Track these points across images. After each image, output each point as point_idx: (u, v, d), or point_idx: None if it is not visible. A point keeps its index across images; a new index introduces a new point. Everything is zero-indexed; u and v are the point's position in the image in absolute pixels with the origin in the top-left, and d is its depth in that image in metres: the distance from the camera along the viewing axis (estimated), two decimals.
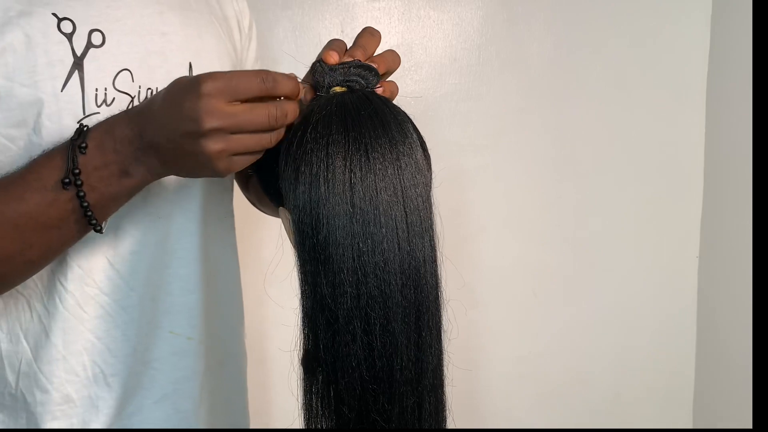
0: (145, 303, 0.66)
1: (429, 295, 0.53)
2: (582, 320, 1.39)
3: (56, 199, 0.53)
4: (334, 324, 0.51)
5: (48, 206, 0.53)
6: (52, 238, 0.55)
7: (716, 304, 1.34)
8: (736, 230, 1.25)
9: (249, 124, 0.51)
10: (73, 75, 0.58)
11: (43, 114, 0.57)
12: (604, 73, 1.33)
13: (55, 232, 0.55)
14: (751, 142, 1.18)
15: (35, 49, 0.57)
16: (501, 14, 1.30)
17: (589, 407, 1.41)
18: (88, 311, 0.64)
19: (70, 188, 0.53)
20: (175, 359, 0.68)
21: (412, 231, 0.52)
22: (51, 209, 0.53)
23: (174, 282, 0.67)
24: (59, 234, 0.55)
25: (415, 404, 0.52)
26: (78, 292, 0.63)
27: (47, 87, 0.57)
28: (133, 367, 0.66)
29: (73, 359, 0.63)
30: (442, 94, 1.31)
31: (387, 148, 0.51)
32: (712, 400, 1.36)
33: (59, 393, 0.63)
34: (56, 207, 0.53)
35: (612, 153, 1.35)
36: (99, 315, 0.64)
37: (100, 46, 0.60)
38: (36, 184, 0.54)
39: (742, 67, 1.22)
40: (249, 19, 0.77)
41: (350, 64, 0.55)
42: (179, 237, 0.67)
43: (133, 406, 0.67)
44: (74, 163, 0.53)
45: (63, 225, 0.54)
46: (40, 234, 0.54)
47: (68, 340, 0.63)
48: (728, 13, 1.28)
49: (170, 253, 0.67)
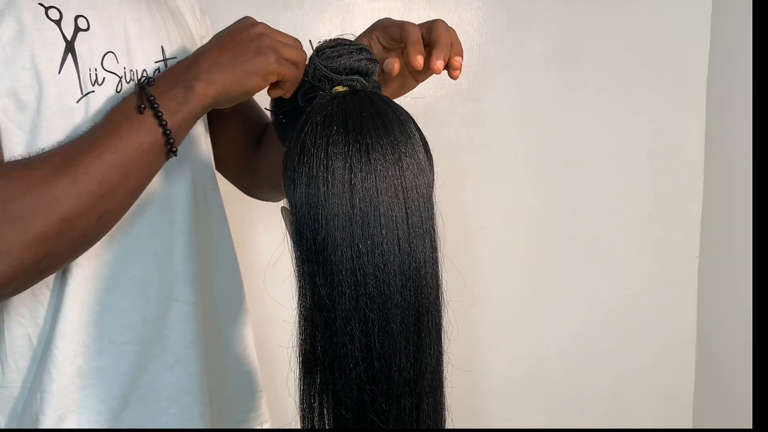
0: (151, 273, 0.69)
1: (429, 297, 0.53)
2: (582, 320, 1.39)
3: (142, 124, 0.58)
4: (332, 325, 0.50)
5: (136, 132, 0.58)
6: (144, 164, 0.59)
7: (716, 304, 1.34)
8: (736, 230, 1.25)
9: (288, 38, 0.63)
10: (67, 57, 0.62)
11: (44, 96, 0.61)
12: (604, 73, 1.33)
13: (146, 158, 0.59)
14: (751, 142, 1.18)
15: (30, 35, 0.60)
16: (501, 14, 1.30)
17: (589, 407, 1.41)
18: (95, 284, 0.67)
19: (147, 112, 0.58)
20: (182, 325, 0.72)
21: (413, 232, 0.52)
22: (140, 134, 0.58)
23: (175, 251, 0.71)
24: (149, 160, 0.59)
25: (413, 405, 0.52)
26: (87, 265, 0.66)
27: (45, 69, 0.61)
28: (143, 336, 0.69)
29: (83, 331, 0.66)
30: (442, 94, 1.31)
31: (389, 148, 0.51)
32: (712, 400, 1.36)
33: (74, 366, 0.66)
34: (143, 131, 0.58)
35: (612, 153, 1.35)
36: (104, 287, 0.67)
37: (87, 30, 0.64)
38: (121, 115, 0.59)
39: (742, 67, 1.22)
40: (200, 9, 0.85)
41: (342, 50, 0.56)
42: (175, 207, 0.71)
43: (149, 374, 0.70)
44: (147, 93, 0.59)
45: (151, 150, 0.59)
46: (135, 161, 0.58)
47: (79, 313, 0.66)
48: (728, 13, 1.28)
49: (170, 224, 0.71)
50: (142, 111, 0.58)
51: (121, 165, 0.58)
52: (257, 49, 0.61)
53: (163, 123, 0.58)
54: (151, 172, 0.61)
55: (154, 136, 0.58)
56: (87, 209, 0.56)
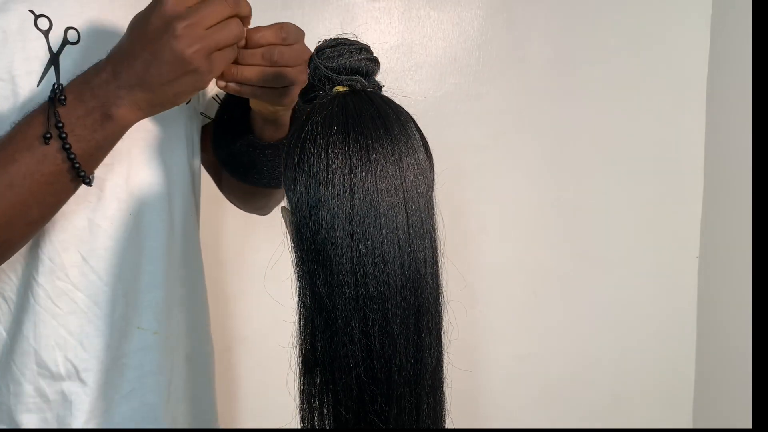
0: (117, 299, 0.67)
1: (429, 297, 0.53)
2: (582, 320, 1.39)
3: (45, 155, 0.53)
4: (332, 325, 0.50)
5: (39, 163, 0.53)
6: (47, 194, 0.55)
7: (716, 304, 1.34)
8: (736, 230, 1.25)
9: (211, 13, 0.53)
10: (49, 71, 0.60)
11: (21, 108, 0.58)
12: (604, 73, 1.33)
13: (50, 188, 0.55)
14: (751, 142, 1.18)
15: (13, 45, 0.58)
16: (501, 14, 1.30)
17: (589, 407, 1.41)
18: (62, 306, 0.64)
19: (53, 142, 0.53)
20: (142, 354, 0.69)
21: (413, 232, 0.52)
22: (42, 165, 0.53)
23: (142, 277, 0.69)
24: (54, 190, 0.55)
25: (414, 405, 0.52)
26: (49, 286, 0.63)
27: (24, 82, 0.59)
28: (104, 363, 0.67)
29: (44, 354, 0.64)
30: (442, 94, 1.31)
31: (389, 148, 0.51)
32: (712, 400, 1.36)
33: (32, 386, 0.64)
34: (47, 162, 0.53)
35: (612, 153, 1.35)
36: (72, 310, 0.65)
37: (76, 43, 0.61)
38: (23, 143, 0.54)
39: (742, 67, 1.22)
40: None
41: (342, 50, 0.56)
42: (148, 233, 0.69)
43: (104, 402, 0.68)
44: (56, 116, 0.53)
45: (55, 180, 0.54)
46: (36, 192, 0.54)
47: (39, 333, 0.64)
48: (728, 13, 1.28)
49: (140, 250, 0.68)
50: (47, 141, 0.53)
51: (20, 197, 0.54)
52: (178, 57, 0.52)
53: (71, 156, 0.53)
54: (60, 200, 0.57)
55: (60, 167, 0.54)
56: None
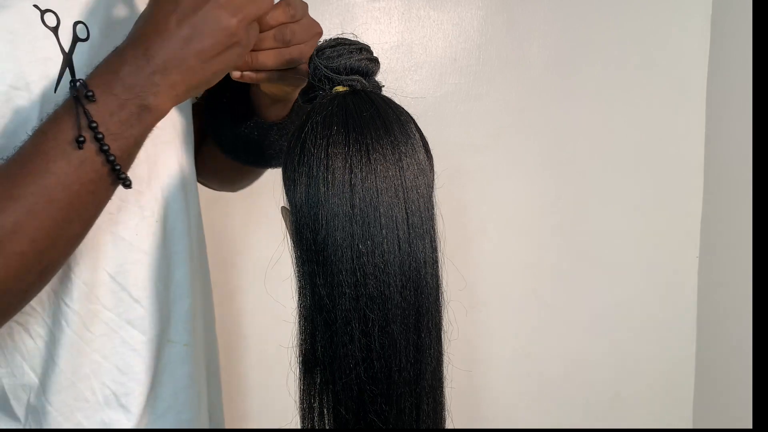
0: (151, 313, 0.62)
1: (429, 297, 0.53)
2: (582, 320, 1.39)
3: (83, 161, 0.46)
4: (332, 325, 0.50)
5: (76, 171, 0.46)
6: (88, 205, 0.48)
7: (716, 304, 1.34)
8: (736, 230, 1.25)
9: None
10: (64, 73, 0.53)
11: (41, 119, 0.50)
12: (604, 73, 1.33)
13: (90, 197, 0.48)
14: (751, 142, 1.18)
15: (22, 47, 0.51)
16: (501, 14, 1.30)
17: (589, 407, 1.41)
18: (93, 330, 0.58)
19: (88, 145, 0.46)
20: (174, 368, 0.65)
21: (413, 232, 0.52)
22: (80, 173, 0.46)
23: (172, 287, 0.64)
24: (94, 199, 0.48)
25: (414, 405, 0.52)
26: (84, 311, 0.58)
27: (38, 88, 0.52)
28: (144, 384, 0.62)
29: (81, 384, 0.58)
30: (442, 94, 1.31)
31: (389, 148, 0.51)
32: (712, 400, 1.36)
33: (70, 422, 0.58)
34: (85, 169, 0.47)
35: (612, 153, 1.35)
36: (104, 332, 0.59)
37: (86, 39, 0.55)
38: (55, 151, 0.46)
39: (742, 67, 1.22)
40: None
41: (342, 50, 0.56)
42: (172, 238, 0.64)
43: (143, 423, 0.63)
44: (88, 115, 0.46)
45: (95, 188, 0.48)
46: (77, 204, 0.47)
47: (76, 364, 0.58)
48: (728, 13, 1.27)
49: (168, 258, 0.63)
50: (81, 146, 0.46)
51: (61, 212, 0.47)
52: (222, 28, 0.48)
53: (110, 159, 0.47)
54: (99, 210, 0.51)
55: (99, 173, 0.47)
56: (22, 271, 0.46)
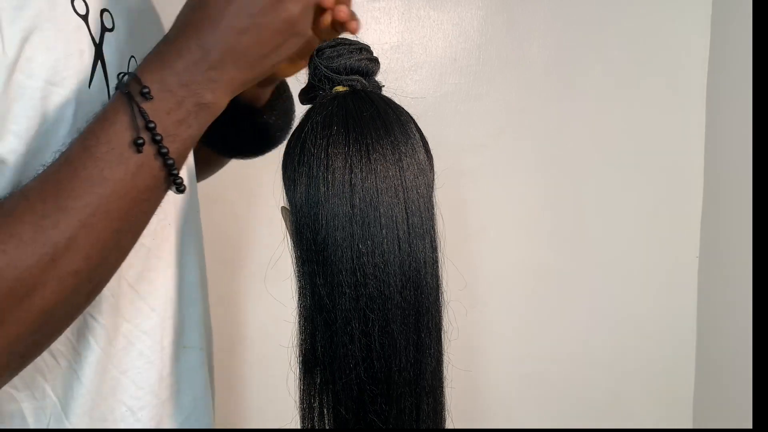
0: (165, 322, 0.58)
1: (429, 297, 0.53)
2: (582, 320, 1.39)
3: (140, 166, 0.41)
4: (332, 325, 0.50)
5: (133, 177, 0.41)
6: (141, 214, 0.43)
7: (716, 304, 1.34)
8: (736, 230, 1.25)
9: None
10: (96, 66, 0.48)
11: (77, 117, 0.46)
12: (604, 73, 1.33)
13: (144, 206, 0.43)
14: (751, 142, 1.18)
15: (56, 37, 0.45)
16: (501, 14, 1.30)
17: (589, 407, 1.41)
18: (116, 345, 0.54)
19: (146, 148, 0.41)
20: (191, 374, 0.63)
21: (413, 232, 0.52)
22: (137, 180, 0.42)
23: (185, 292, 0.61)
24: (147, 208, 0.44)
25: (414, 405, 0.52)
26: (110, 325, 0.53)
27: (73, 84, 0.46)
28: (159, 395, 0.59)
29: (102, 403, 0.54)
30: (442, 94, 1.31)
31: (389, 148, 0.51)
32: (712, 400, 1.36)
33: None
34: (142, 175, 0.42)
35: (612, 153, 1.35)
36: (123, 346, 0.55)
37: (112, 30, 0.50)
38: (111, 156, 0.41)
39: (742, 67, 1.22)
40: None
41: (342, 50, 0.56)
42: (184, 241, 0.61)
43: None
44: (144, 114, 0.41)
45: (150, 195, 0.43)
46: (131, 215, 0.42)
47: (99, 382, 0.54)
48: (728, 13, 1.27)
49: (181, 262, 0.60)
50: (140, 149, 0.41)
51: (116, 224, 0.41)
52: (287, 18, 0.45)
53: (169, 162, 0.43)
54: (148, 219, 0.46)
55: (156, 178, 0.43)
56: (72, 291, 0.41)
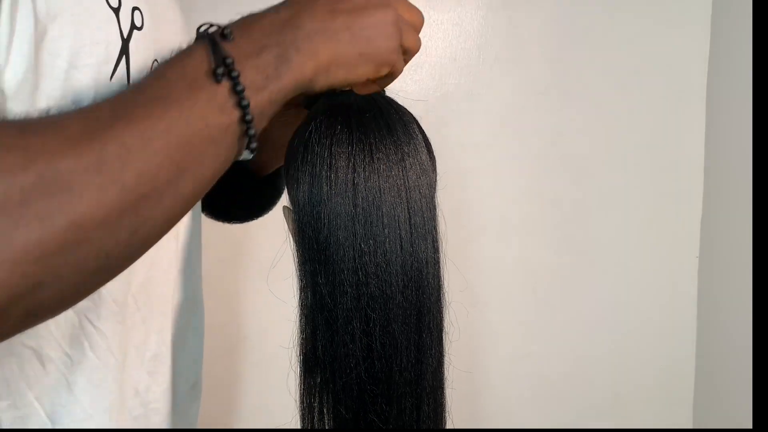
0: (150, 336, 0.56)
1: (431, 297, 0.53)
2: (582, 320, 1.39)
3: (213, 95, 0.39)
4: (333, 324, 0.50)
5: (205, 106, 0.39)
6: (206, 157, 0.40)
7: (716, 304, 1.34)
8: (736, 230, 1.25)
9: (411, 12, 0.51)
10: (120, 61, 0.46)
11: None
12: (604, 73, 1.33)
13: (211, 148, 0.40)
14: (751, 142, 1.18)
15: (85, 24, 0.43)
16: (501, 14, 1.30)
17: (589, 407, 1.41)
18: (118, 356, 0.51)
19: (224, 79, 0.40)
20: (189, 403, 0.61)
21: (415, 232, 0.52)
22: (208, 110, 0.39)
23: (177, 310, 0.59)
24: (215, 152, 0.40)
25: (414, 405, 0.52)
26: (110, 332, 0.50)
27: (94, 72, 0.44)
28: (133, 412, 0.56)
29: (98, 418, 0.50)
30: (442, 94, 1.31)
31: (392, 149, 0.51)
32: (712, 400, 1.36)
33: None
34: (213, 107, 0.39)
35: (612, 153, 1.35)
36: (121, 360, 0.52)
37: (141, 28, 0.49)
38: (185, 81, 0.39)
39: (742, 67, 1.22)
40: None
41: None
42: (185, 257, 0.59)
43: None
44: (223, 50, 0.40)
45: (219, 137, 0.40)
46: (194, 150, 0.39)
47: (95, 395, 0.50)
48: (728, 13, 1.28)
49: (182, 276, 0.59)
50: (219, 79, 0.39)
51: (176, 153, 0.37)
52: (382, 24, 0.46)
53: (243, 103, 0.40)
54: (215, 174, 0.42)
55: (228, 118, 0.40)
56: (115, 213, 0.35)
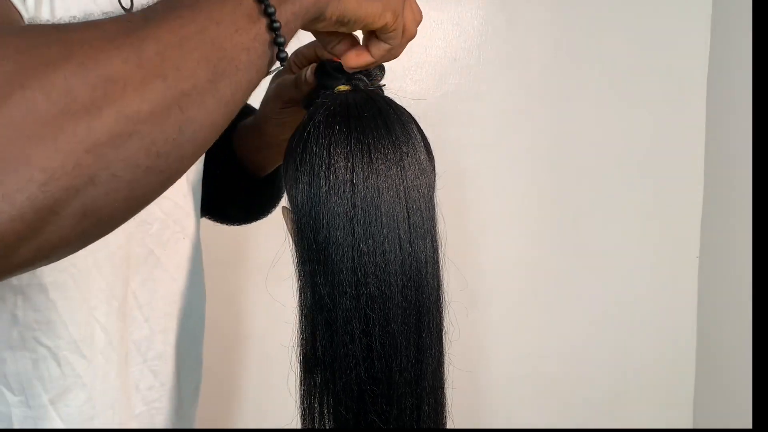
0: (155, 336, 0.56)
1: (430, 297, 0.53)
2: (582, 320, 1.39)
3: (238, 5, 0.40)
4: (333, 324, 0.50)
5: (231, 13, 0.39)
6: (241, 62, 0.39)
7: (716, 304, 1.34)
8: (736, 230, 1.25)
9: None
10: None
11: None
12: (604, 73, 1.33)
13: (244, 54, 0.39)
14: (751, 142, 1.18)
15: None
16: (501, 14, 1.30)
17: (589, 407, 1.41)
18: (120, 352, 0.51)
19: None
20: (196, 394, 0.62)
21: (414, 232, 0.52)
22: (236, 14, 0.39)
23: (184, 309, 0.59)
24: (248, 58, 0.40)
25: (414, 405, 0.52)
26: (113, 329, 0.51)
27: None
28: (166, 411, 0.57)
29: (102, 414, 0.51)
30: (442, 94, 1.31)
31: (390, 148, 0.51)
32: (712, 400, 1.36)
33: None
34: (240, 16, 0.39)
35: (612, 153, 1.35)
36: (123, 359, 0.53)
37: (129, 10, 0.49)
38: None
39: (742, 67, 1.22)
40: None
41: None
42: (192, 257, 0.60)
43: None
44: None
45: (249, 41, 0.40)
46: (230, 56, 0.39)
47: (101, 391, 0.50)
48: (728, 13, 1.28)
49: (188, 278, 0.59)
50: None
51: (211, 53, 0.37)
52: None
53: (269, 10, 0.40)
54: (251, 83, 0.41)
55: (256, 27, 0.40)
56: (159, 108, 0.34)
